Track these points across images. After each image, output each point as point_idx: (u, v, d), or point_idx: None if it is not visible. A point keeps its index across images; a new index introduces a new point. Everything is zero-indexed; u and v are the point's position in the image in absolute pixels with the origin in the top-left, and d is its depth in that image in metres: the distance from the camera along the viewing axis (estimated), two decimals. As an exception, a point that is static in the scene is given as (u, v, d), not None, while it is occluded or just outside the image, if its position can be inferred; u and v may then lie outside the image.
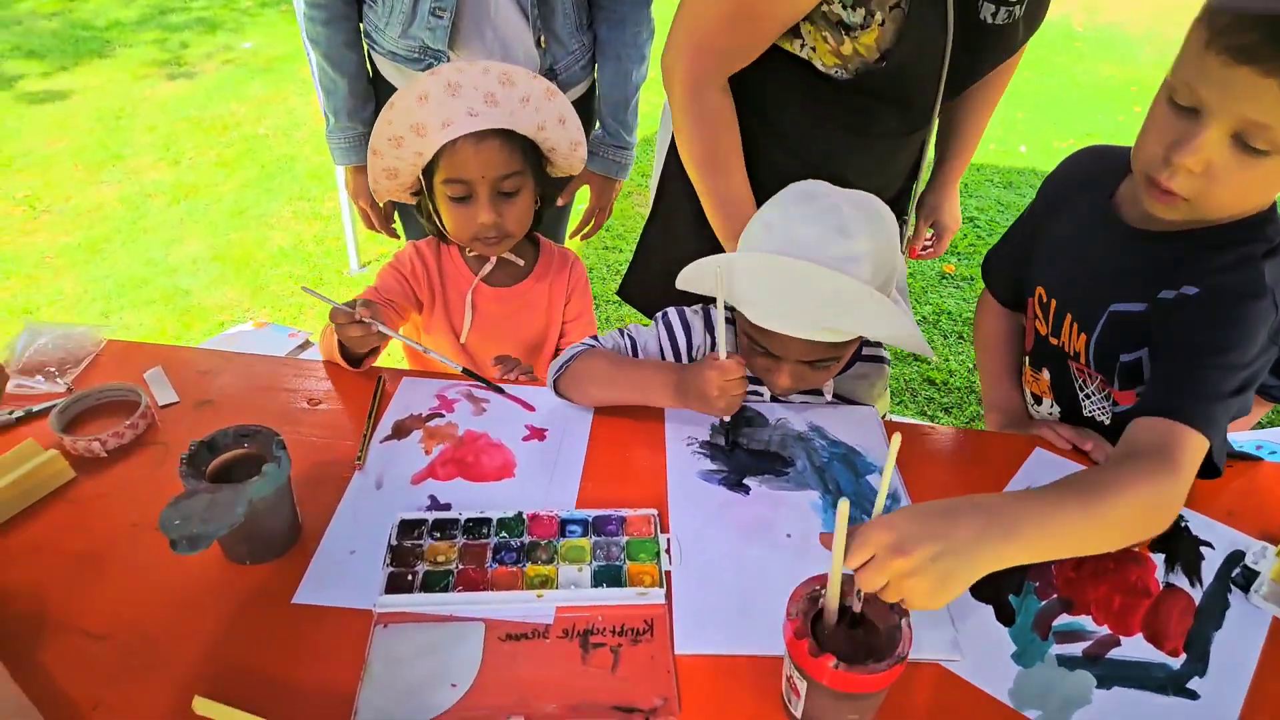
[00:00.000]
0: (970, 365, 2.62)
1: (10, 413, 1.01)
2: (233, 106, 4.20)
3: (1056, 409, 1.11)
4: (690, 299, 1.12)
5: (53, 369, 1.06)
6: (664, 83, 1.11)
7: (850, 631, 0.69)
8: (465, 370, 1.09)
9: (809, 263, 0.84)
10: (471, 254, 1.25)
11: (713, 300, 0.91)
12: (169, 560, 0.84)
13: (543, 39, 1.35)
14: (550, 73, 1.39)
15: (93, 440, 0.95)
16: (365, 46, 1.41)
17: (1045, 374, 1.11)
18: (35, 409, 1.02)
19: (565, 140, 1.13)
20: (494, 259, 1.25)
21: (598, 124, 1.55)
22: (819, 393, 1.12)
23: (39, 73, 4.54)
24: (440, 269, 1.25)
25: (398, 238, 1.61)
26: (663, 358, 1.09)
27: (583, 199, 1.62)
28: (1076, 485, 0.74)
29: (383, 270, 1.24)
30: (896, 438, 0.65)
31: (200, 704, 0.70)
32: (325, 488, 0.94)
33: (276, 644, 0.77)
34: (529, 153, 1.13)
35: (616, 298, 2.97)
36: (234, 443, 0.84)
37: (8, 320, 2.66)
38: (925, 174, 1.36)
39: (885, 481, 0.67)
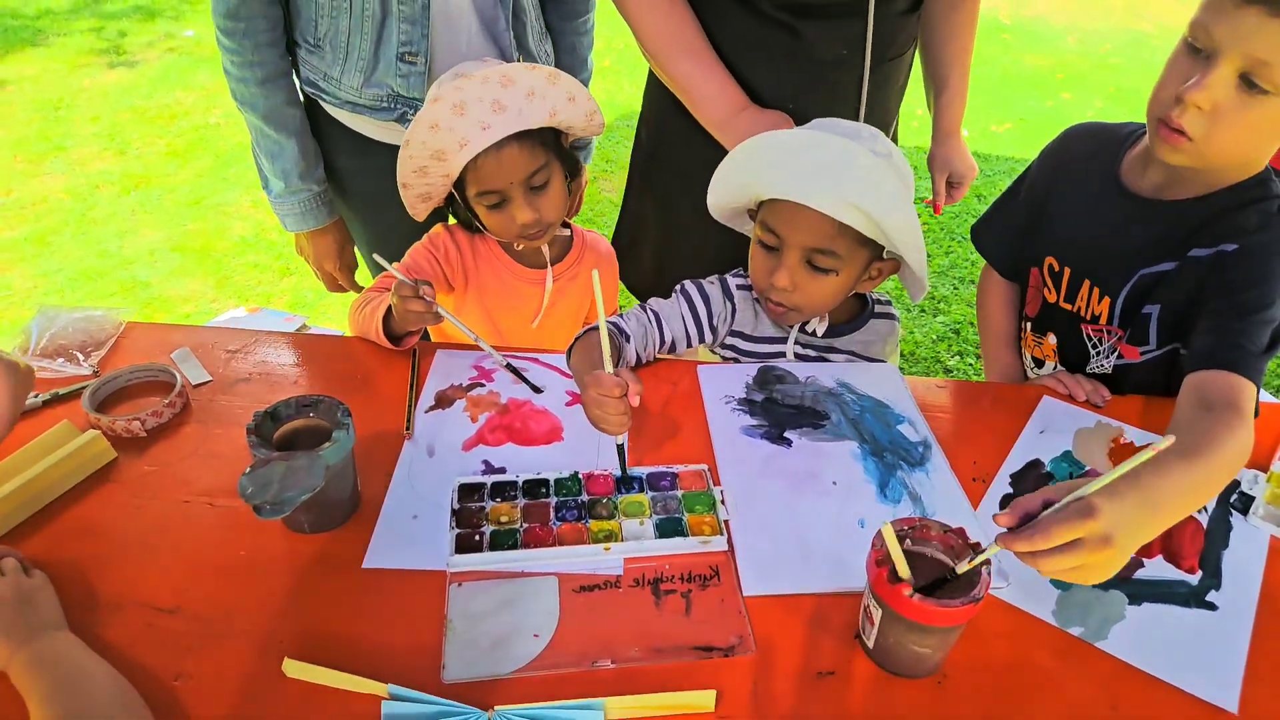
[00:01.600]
0: (935, 336, 2.72)
1: (37, 396, 0.98)
2: (179, 95, 4.05)
3: (1061, 370, 1.18)
4: (681, 274, 1.18)
5: (75, 351, 1.04)
6: None
7: (933, 575, 0.72)
8: (509, 365, 1.09)
9: (844, 139, 0.93)
10: (520, 248, 1.25)
11: (732, 268, 0.94)
12: (227, 534, 0.85)
13: (520, 60, 1.32)
14: None
15: (132, 420, 0.94)
16: (305, 93, 1.29)
17: (1051, 338, 1.18)
18: (62, 392, 1.00)
19: (580, 115, 1.14)
20: (546, 246, 1.25)
21: None
22: (825, 357, 1.17)
23: (-35, 63, 4.31)
24: (474, 253, 1.25)
25: (360, 290, 1.46)
26: (687, 331, 1.12)
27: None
28: (1184, 452, 0.78)
29: (415, 249, 1.23)
30: (1166, 439, 0.64)
31: (291, 666, 0.71)
32: (376, 458, 0.94)
33: (354, 607, 0.78)
34: (549, 141, 1.13)
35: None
36: (297, 413, 0.84)
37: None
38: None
39: (1120, 471, 0.65)
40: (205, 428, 0.98)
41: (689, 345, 1.14)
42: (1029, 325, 1.22)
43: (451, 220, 1.28)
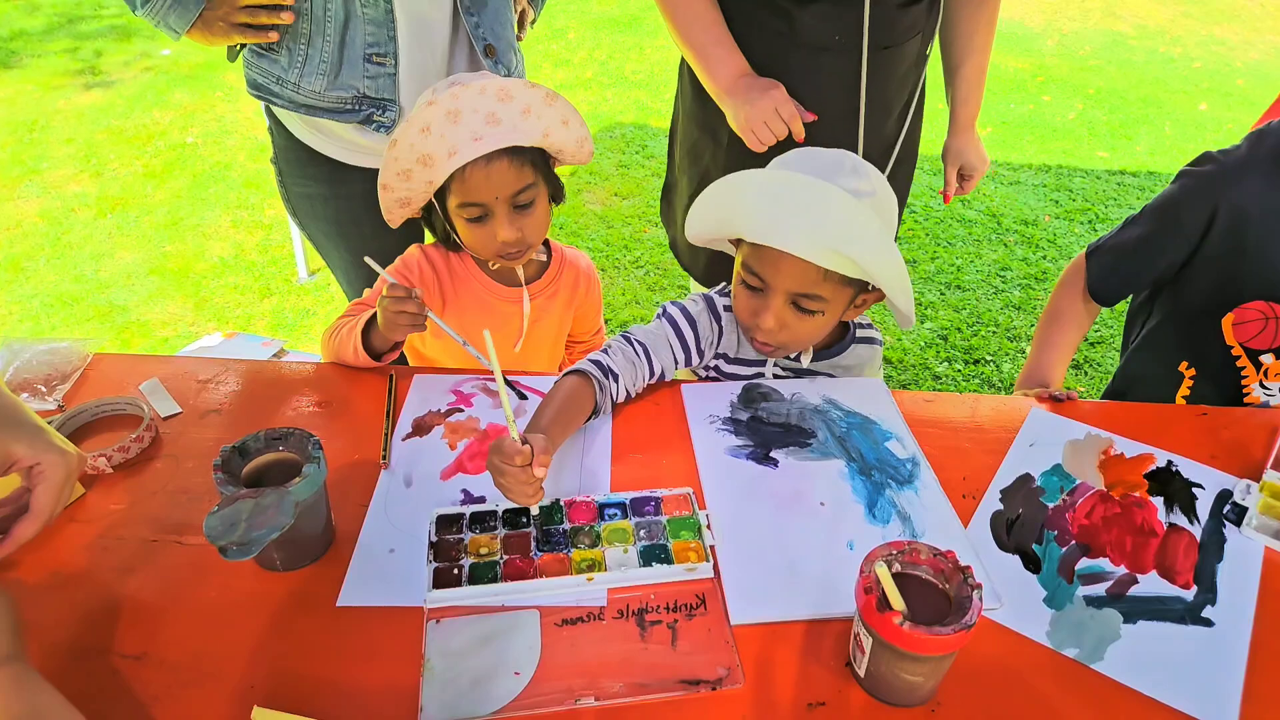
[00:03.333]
0: (923, 343, 2.72)
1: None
2: (156, 115, 4.01)
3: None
4: None
5: (40, 386, 1.01)
6: None
7: (923, 599, 0.71)
8: (506, 380, 1.06)
9: (822, 181, 0.90)
10: (495, 268, 1.24)
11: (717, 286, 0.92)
12: (197, 574, 0.82)
13: (490, 48, 1.32)
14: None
15: (98, 456, 0.90)
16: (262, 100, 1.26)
17: None
18: (24, 429, 0.96)
19: (571, 140, 1.12)
20: (521, 267, 1.23)
21: None
22: (806, 375, 1.15)
23: (-63, 85, 4.26)
24: (450, 272, 1.23)
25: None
26: (675, 359, 1.09)
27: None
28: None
29: (387, 273, 1.21)
30: None
31: (260, 715, 0.68)
32: (352, 489, 0.92)
33: (327, 648, 0.75)
34: (538, 161, 1.12)
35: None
36: (266, 446, 0.82)
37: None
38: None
39: None
40: (175, 462, 0.94)
41: (676, 369, 1.12)
42: (1270, 356, 1.19)
43: (428, 238, 1.25)
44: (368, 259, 1.07)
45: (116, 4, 5.23)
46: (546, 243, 1.30)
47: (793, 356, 1.13)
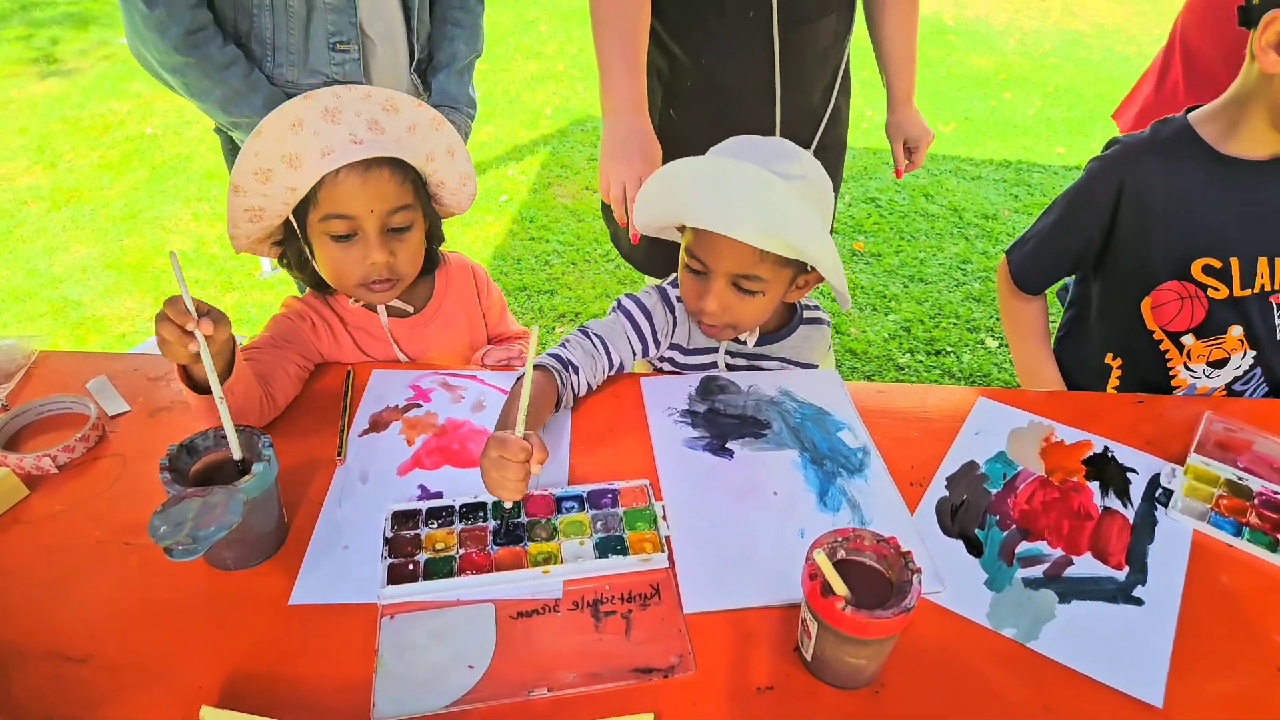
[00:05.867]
0: (886, 334, 2.76)
1: (-61, 435, 0.93)
2: (113, 105, 3.92)
3: (1250, 356, 1.21)
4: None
5: (-18, 385, 0.99)
6: None
7: (866, 585, 0.73)
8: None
9: (757, 167, 0.93)
10: (356, 303, 1.12)
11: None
12: (143, 574, 0.81)
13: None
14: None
15: (42, 456, 0.89)
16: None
17: (1235, 330, 1.20)
18: (-34, 430, 0.95)
19: (455, 174, 1.07)
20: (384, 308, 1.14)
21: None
22: (757, 365, 1.17)
23: (-120, 73, 4.12)
24: (339, 315, 1.14)
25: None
26: (633, 349, 1.10)
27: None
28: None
29: (275, 320, 1.10)
30: None
31: (209, 714, 0.68)
32: (306, 486, 0.91)
33: (279, 647, 0.75)
34: (419, 186, 1.04)
35: (548, 288, 2.95)
36: (215, 444, 0.81)
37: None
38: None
39: None
40: (123, 461, 0.94)
41: (635, 359, 1.13)
42: (1190, 337, 1.22)
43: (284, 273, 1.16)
44: (172, 252, 0.87)
45: (69, -9, 5.10)
46: (431, 253, 1.18)
47: (741, 340, 1.15)
